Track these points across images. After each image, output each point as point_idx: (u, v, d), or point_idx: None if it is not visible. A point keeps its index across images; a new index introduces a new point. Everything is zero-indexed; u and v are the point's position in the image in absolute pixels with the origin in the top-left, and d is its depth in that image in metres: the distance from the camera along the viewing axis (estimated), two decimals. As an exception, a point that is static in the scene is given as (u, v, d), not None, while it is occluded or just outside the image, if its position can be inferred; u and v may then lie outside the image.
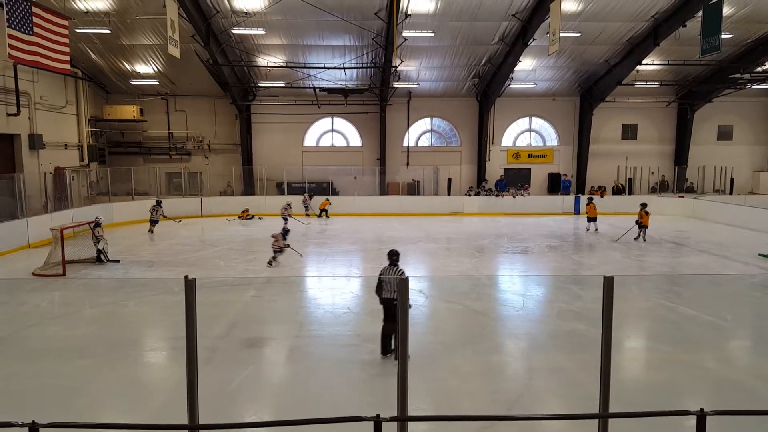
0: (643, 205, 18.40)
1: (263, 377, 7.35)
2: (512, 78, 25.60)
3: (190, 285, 3.66)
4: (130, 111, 26.43)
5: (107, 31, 20.95)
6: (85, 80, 25.13)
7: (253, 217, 24.24)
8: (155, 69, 25.09)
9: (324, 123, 29.12)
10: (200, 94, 27.36)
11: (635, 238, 18.01)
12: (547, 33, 18.82)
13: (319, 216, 24.85)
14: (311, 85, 25.58)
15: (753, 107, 29.57)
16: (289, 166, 27.77)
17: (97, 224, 14.53)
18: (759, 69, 24.98)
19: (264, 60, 24.18)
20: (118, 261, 14.65)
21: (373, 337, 8.75)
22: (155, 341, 9.17)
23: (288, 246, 14.57)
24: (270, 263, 14.10)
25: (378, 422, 3.42)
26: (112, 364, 7.64)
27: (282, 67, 24.54)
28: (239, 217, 24.24)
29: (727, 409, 4.06)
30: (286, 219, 21.17)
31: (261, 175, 27.88)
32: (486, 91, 27.50)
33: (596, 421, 3.93)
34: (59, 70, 17.70)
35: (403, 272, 7.69)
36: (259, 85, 26.43)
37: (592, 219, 20.38)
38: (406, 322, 3.91)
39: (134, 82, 26.13)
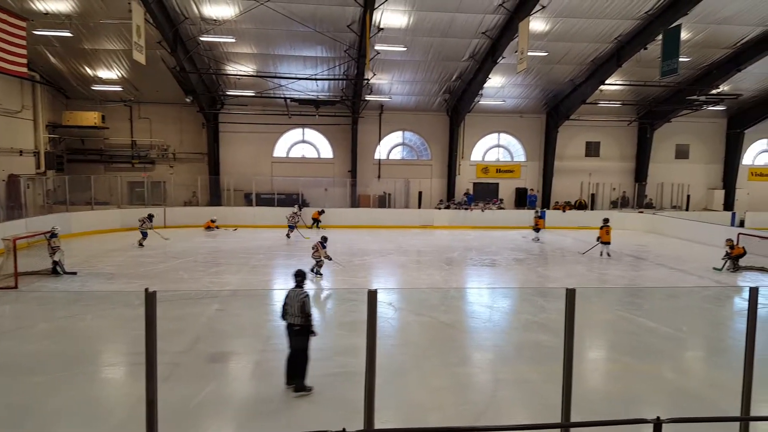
0: (605, 221, 18.82)
1: (227, 393, 7.20)
2: (482, 94, 26.06)
3: (150, 298, 3.58)
4: (91, 117, 25.67)
5: (68, 34, 20.35)
6: (44, 84, 24.34)
7: (217, 227, 23.86)
8: (119, 75, 24.55)
9: (295, 134, 29.00)
10: (166, 102, 26.90)
11: (601, 254, 18.36)
12: (516, 52, 19.27)
13: (311, 227, 24.62)
14: (282, 95, 25.48)
15: (708, 128, 30.82)
16: (258, 176, 27.50)
17: (53, 234, 14.02)
18: (714, 91, 26.08)
19: (233, 68, 24.00)
20: (75, 273, 14.18)
21: (342, 351, 8.72)
22: (113, 356, 8.88)
23: (329, 258, 14.40)
24: (316, 273, 14.12)
25: (344, 436, 3.40)
26: (68, 381, 7.37)
27: (252, 76, 24.39)
28: (207, 228, 23.87)
29: (681, 417, 4.20)
30: (291, 227, 20.77)
31: (228, 186, 27.50)
32: (456, 106, 27.92)
33: (559, 430, 4.00)
34: (15, 73, 17.13)
35: (306, 295, 7.25)
36: (228, 93, 26.18)
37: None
38: (373, 334, 3.91)
39: (96, 87, 25.44)
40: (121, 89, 25.76)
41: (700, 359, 9.29)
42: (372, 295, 3.92)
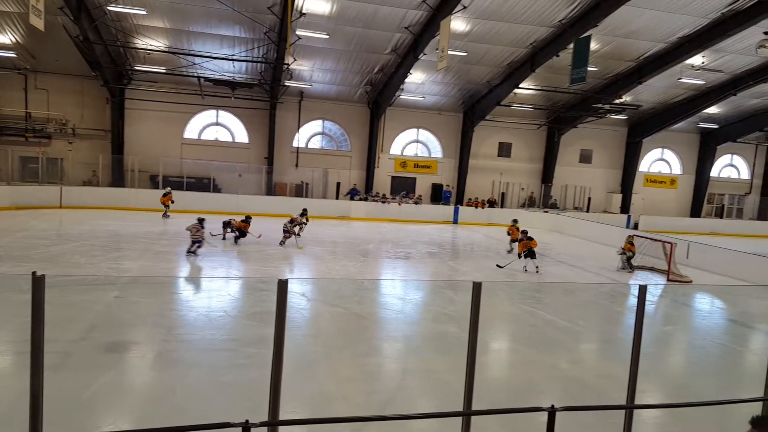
0: (515, 221, 19.48)
1: (124, 384, 6.77)
2: (403, 89, 26.33)
3: (38, 282, 3.26)
4: (-22, 84, 23.20)
5: (-46, -10, 18.25)
6: None
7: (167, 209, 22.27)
8: (13, 40, 22.24)
9: (208, 115, 27.77)
10: (66, 73, 24.78)
11: (509, 251, 18.53)
12: (437, 49, 19.62)
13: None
14: (195, 74, 24.29)
15: (610, 135, 33.16)
16: (167, 158, 26.08)
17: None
18: (617, 101, 28.06)
19: (143, 42, 22.53)
20: (-47, 253, 12.78)
21: (251, 342, 8.48)
22: (-5, 345, 8.09)
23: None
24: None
25: (247, 427, 3.29)
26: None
27: (164, 51, 23.01)
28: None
29: (573, 405, 4.47)
30: (286, 232, 17.47)
31: (133, 166, 25.82)
32: (378, 99, 28.01)
33: (461, 418, 4.10)
34: None
35: None
36: (136, 68, 24.56)
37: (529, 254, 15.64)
38: (282, 324, 3.81)
39: (-15, 51, 22.99)
40: (15, 55, 23.35)
41: (594, 351, 9.97)
42: (282, 285, 3.81)
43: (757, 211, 35.61)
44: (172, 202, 22.41)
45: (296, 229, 18.05)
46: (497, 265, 15.84)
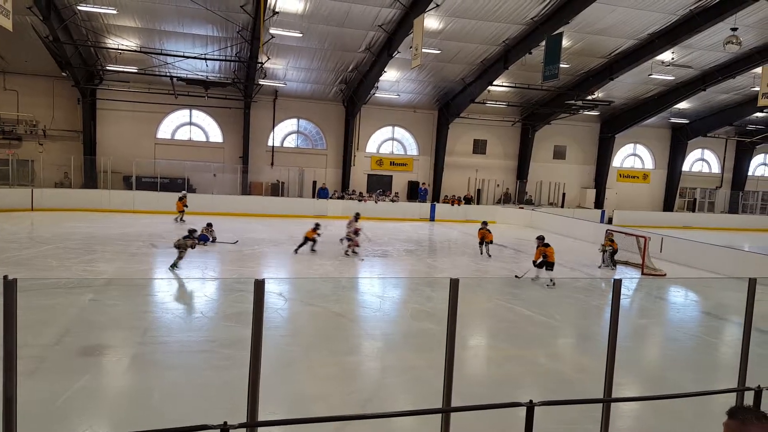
0: (484, 224, 18.30)
1: (100, 388, 6.67)
2: (377, 87, 26.32)
3: (9, 286, 3.19)
4: (-58, 84, 22.50)
5: None
6: None
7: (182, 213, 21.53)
8: (-22, 39, 21.63)
9: (181, 115, 27.39)
10: (36, 74, 24.19)
11: (489, 253, 17.73)
12: (411, 47, 19.68)
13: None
14: (168, 74, 23.90)
15: (583, 131, 33.68)
16: (140, 158, 25.63)
17: None
18: (589, 97, 28.51)
19: (114, 42, 22.10)
20: None
21: (228, 343, 8.41)
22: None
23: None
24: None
25: (225, 429, 3.27)
26: None
27: (135, 51, 22.60)
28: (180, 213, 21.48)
29: (552, 400, 4.54)
30: (350, 240, 16.74)
31: (106, 167, 25.31)
32: (352, 97, 27.96)
33: (440, 415, 4.15)
34: None
35: None
36: (108, 68, 24.08)
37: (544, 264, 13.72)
38: (260, 324, 3.79)
39: (-51, 51, 22.27)
40: (-19, 56, 22.72)
41: (570, 345, 10.12)
42: (259, 285, 3.79)
43: (728, 205, 36.55)
44: (186, 206, 21.90)
45: (358, 238, 16.76)
46: (515, 276, 14.55)
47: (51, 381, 6.60)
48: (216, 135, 27.88)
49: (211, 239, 16.82)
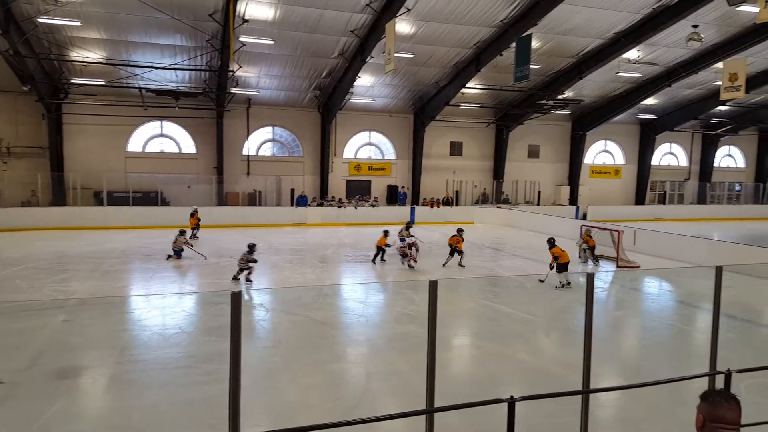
0: (460, 231, 17.27)
1: (78, 411, 6.50)
2: (352, 92, 26.29)
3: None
4: None
5: None
6: None
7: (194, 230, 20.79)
8: (-64, 55, 20.99)
9: (152, 127, 26.93)
10: (-2, 89, 23.57)
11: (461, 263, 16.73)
12: (384, 52, 19.72)
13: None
14: (137, 86, 23.49)
15: (555, 130, 34.15)
16: (110, 173, 25.11)
17: None
18: (560, 97, 28.94)
19: (79, 54, 21.65)
20: None
21: (209, 357, 8.26)
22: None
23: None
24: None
25: (206, 446, 3.19)
26: None
27: (101, 63, 22.14)
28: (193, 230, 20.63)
29: (532, 394, 4.56)
30: (404, 255, 16.14)
31: (75, 184, 24.72)
32: (327, 103, 27.88)
33: (424, 416, 4.12)
34: None
35: None
36: (73, 81, 23.55)
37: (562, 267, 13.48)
38: (238, 337, 3.71)
39: None
40: (-62, 72, 22.01)
41: (552, 341, 10.21)
42: (236, 298, 3.71)
43: (697, 196, 37.47)
44: (200, 220, 21.32)
45: (411, 250, 16.08)
46: (539, 280, 13.81)
47: (26, 406, 6.40)
48: (189, 146, 27.49)
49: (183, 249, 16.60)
